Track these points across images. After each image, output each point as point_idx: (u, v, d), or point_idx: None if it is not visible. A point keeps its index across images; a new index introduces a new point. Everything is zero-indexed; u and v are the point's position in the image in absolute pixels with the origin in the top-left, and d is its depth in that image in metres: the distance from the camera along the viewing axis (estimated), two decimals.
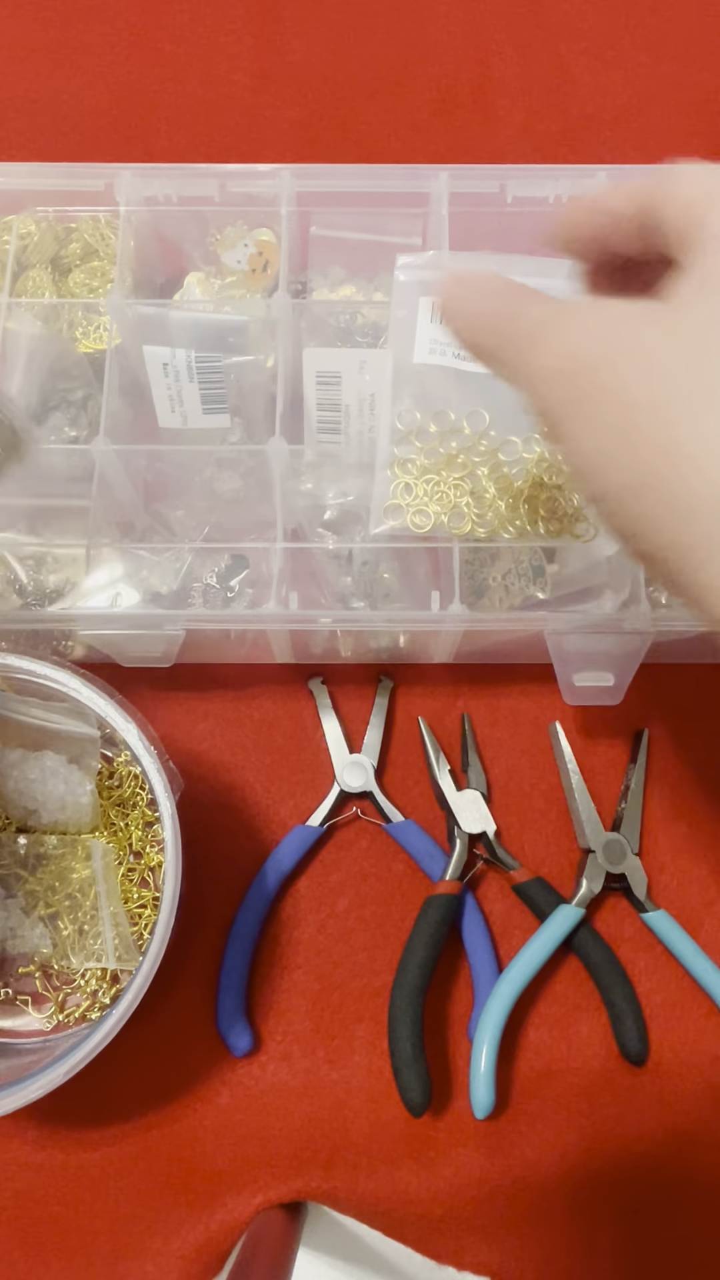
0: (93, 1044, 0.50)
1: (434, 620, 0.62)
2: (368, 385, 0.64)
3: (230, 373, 0.65)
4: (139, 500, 0.67)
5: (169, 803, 0.54)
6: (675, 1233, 0.58)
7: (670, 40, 0.91)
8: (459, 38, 0.90)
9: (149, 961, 0.52)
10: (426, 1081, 0.57)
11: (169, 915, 0.52)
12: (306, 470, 0.65)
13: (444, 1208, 0.58)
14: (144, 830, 0.64)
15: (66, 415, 0.68)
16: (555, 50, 0.90)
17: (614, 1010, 0.61)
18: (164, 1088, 0.60)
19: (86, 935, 0.60)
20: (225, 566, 0.66)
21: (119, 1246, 0.57)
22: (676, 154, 0.86)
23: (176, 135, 0.86)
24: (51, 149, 0.85)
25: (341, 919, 0.64)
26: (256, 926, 0.63)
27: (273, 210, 0.70)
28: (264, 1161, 0.59)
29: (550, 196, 0.70)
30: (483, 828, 0.65)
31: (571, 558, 0.62)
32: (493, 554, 0.65)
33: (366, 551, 0.64)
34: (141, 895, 0.63)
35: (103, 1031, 0.51)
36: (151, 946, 0.52)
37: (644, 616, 0.59)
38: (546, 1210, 0.58)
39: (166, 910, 0.52)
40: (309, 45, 0.90)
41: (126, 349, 0.66)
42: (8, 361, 0.66)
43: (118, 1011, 0.51)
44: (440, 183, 0.68)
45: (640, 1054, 0.60)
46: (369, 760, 0.66)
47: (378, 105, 0.88)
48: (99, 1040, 0.50)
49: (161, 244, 0.73)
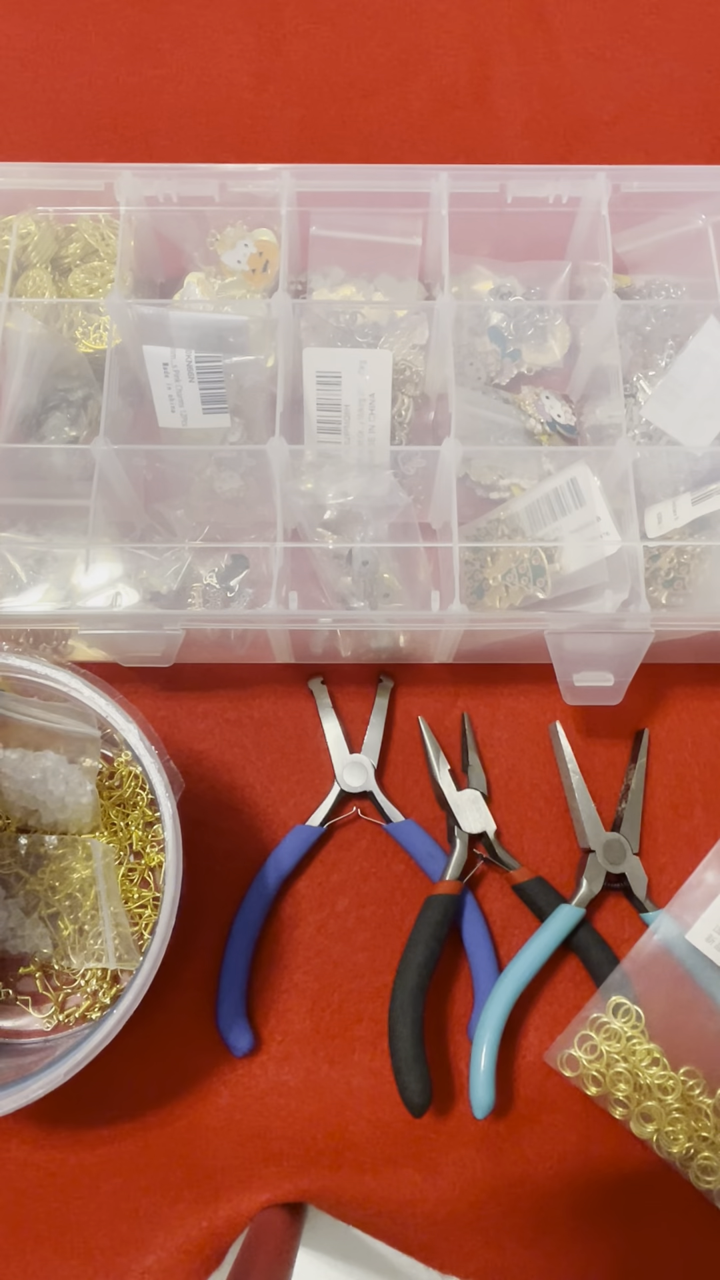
0: (93, 1044, 0.50)
1: (434, 620, 0.62)
2: (368, 385, 0.64)
3: (230, 373, 0.65)
4: (139, 500, 0.67)
5: (170, 802, 0.54)
6: (676, 1234, 0.58)
7: (670, 40, 0.91)
8: (459, 38, 0.90)
9: (149, 961, 0.52)
10: (427, 1082, 0.57)
11: (170, 915, 0.52)
12: (306, 470, 0.65)
13: (445, 1209, 0.58)
14: (144, 830, 0.64)
15: (66, 415, 0.68)
16: (555, 50, 0.90)
17: None
18: (165, 1087, 0.60)
19: (87, 935, 0.60)
20: (225, 566, 0.66)
21: (120, 1242, 0.57)
22: (676, 154, 0.87)
23: (176, 135, 0.86)
24: (51, 149, 0.85)
25: (341, 919, 0.64)
26: (256, 926, 0.63)
27: (273, 210, 0.70)
28: (265, 1161, 0.59)
29: (550, 196, 0.70)
30: (483, 827, 0.65)
31: (571, 558, 0.62)
32: (492, 554, 0.65)
33: (366, 551, 0.64)
34: (142, 895, 0.63)
35: (103, 1031, 0.51)
36: (152, 946, 0.52)
37: (644, 616, 0.59)
38: (547, 1212, 0.58)
39: (167, 910, 0.52)
40: (309, 45, 0.90)
41: (126, 349, 0.66)
42: (8, 361, 0.66)
43: (118, 1011, 0.51)
44: (440, 183, 0.68)
45: None
46: (369, 760, 0.66)
47: (378, 105, 0.88)
48: (99, 1040, 0.50)
49: (161, 244, 0.73)
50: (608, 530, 0.61)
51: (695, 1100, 0.58)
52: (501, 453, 0.68)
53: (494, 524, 0.66)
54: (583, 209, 0.71)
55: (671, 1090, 0.58)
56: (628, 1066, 0.58)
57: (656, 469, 0.65)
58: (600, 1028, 0.60)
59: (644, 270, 0.75)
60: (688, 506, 0.63)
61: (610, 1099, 0.58)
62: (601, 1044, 0.59)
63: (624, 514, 0.62)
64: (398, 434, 0.70)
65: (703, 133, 0.87)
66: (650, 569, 0.64)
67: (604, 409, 0.69)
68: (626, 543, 0.61)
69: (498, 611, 0.63)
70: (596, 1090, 0.58)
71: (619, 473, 0.63)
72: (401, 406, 0.70)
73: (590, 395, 0.72)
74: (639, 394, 0.70)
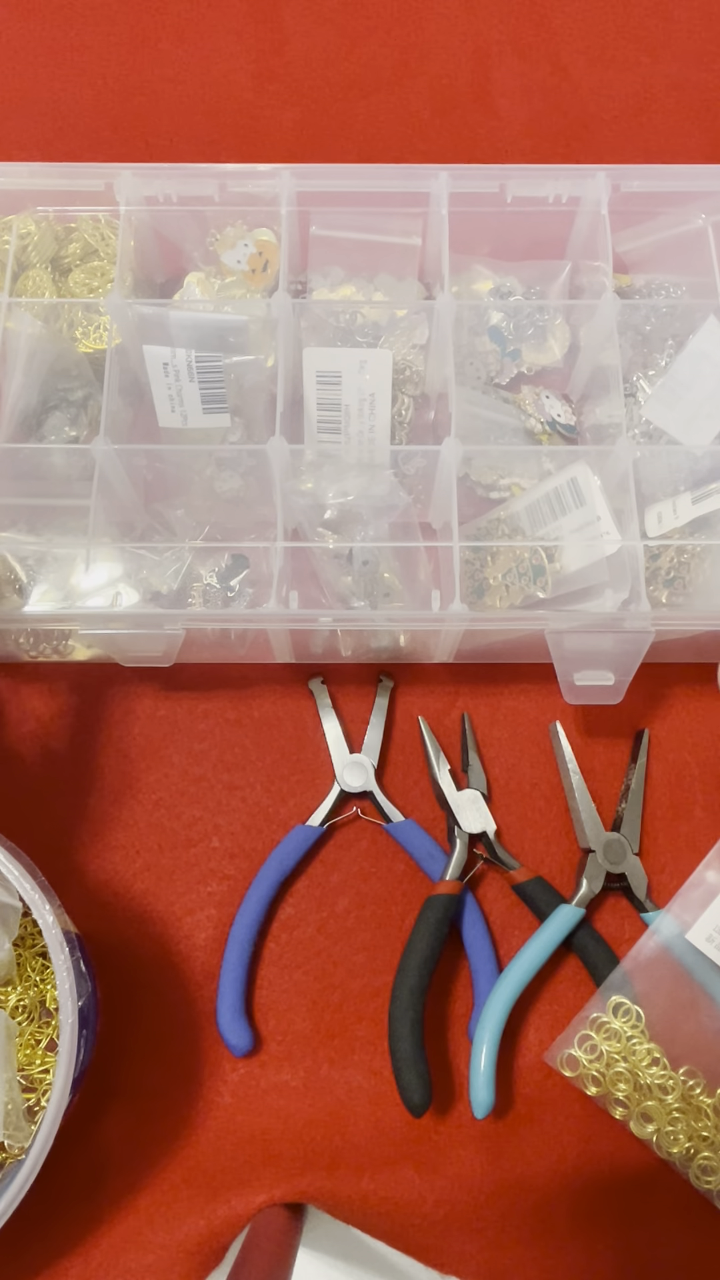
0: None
1: (434, 620, 0.62)
2: (368, 385, 0.64)
3: (230, 373, 0.65)
4: (139, 500, 0.67)
5: (71, 1004, 0.49)
6: (676, 1234, 0.58)
7: (670, 40, 0.91)
8: (459, 38, 0.90)
9: (38, 1145, 0.48)
10: (427, 1082, 0.57)
11: (56, 1112, 0.48)
12: (306, 470, 0.65)
13: (445, 1209, 0.58)
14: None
15: (66, 415, 0.68)
16: (555, 50, 0.90)
17: None
18: (164, 1087, 0.60)
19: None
20: (225, 566, 0.66)
21: (120, 1240, 0.57)
22: (676, 154, 0.87)
23: (176, 135, 0.86)
24: (51, 149, 0.85)
25: (341, 919, 0.64)
26: (256, 926, 0.63)
27: (273, 210, 0.70)
28: (265, 1161, 0.59)
29: (550, 196, 0.70)
30: (483, 827, 0.65)
31: (571, 557, 0.62)
32: (493, 553, 0.65)
33: (366, 551, 0.64)
34: (46, 1060, 0.58)
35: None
36: (40, 1132, 0.48)
37: (644, 616, 0.59)
38: (547, 1212, 0.58)
39: (54, 1110, 0.48)
40: (309, 45, 0.90)
41: (126, 349, 0.66)
42: (8, 361, 0.66)
43: (9, 1193, 0.47)
44: (440, 183, 0.68)
45: None
46: (369, 760, 0.66)
47: (377, 105, 0.88)
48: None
49: (161, 244, 0.73)
50: (608, 530, 0.61)
51: (695, 1100, 0.58)
52: (501, 452, 0.68)
53: (494, 523, 0.66)
54: (583, 209, 0.71)
55: (671, 1090, 0.58)
56: (628, 1066, 0.58)
57: (656, 468, 0.65)
58: (600, 1027, 0.60)
59: (644, 270, 0.75)
60: (688, 506, 0.63)
61: (610, 1099, 0.58)
62: (601, 1044, 0.59)
63: (624, 513, 0.62)
64: (398, 434, 0.70)
65: (703, 133, 0.87)
66: (650, 568, 0.64)
67: (604, 409, 0.69)
68: (627, 542, 0.61)
69: (498, 611, 0.63)
70: (596, 1090, 0.58)
71: (619, 472, 0.63)
72: (401, 406, 0.70)
73: (590, 395, 0.72)
74: (639, 394, 0.70)
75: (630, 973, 0.61)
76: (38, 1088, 0.58)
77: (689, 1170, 0.58)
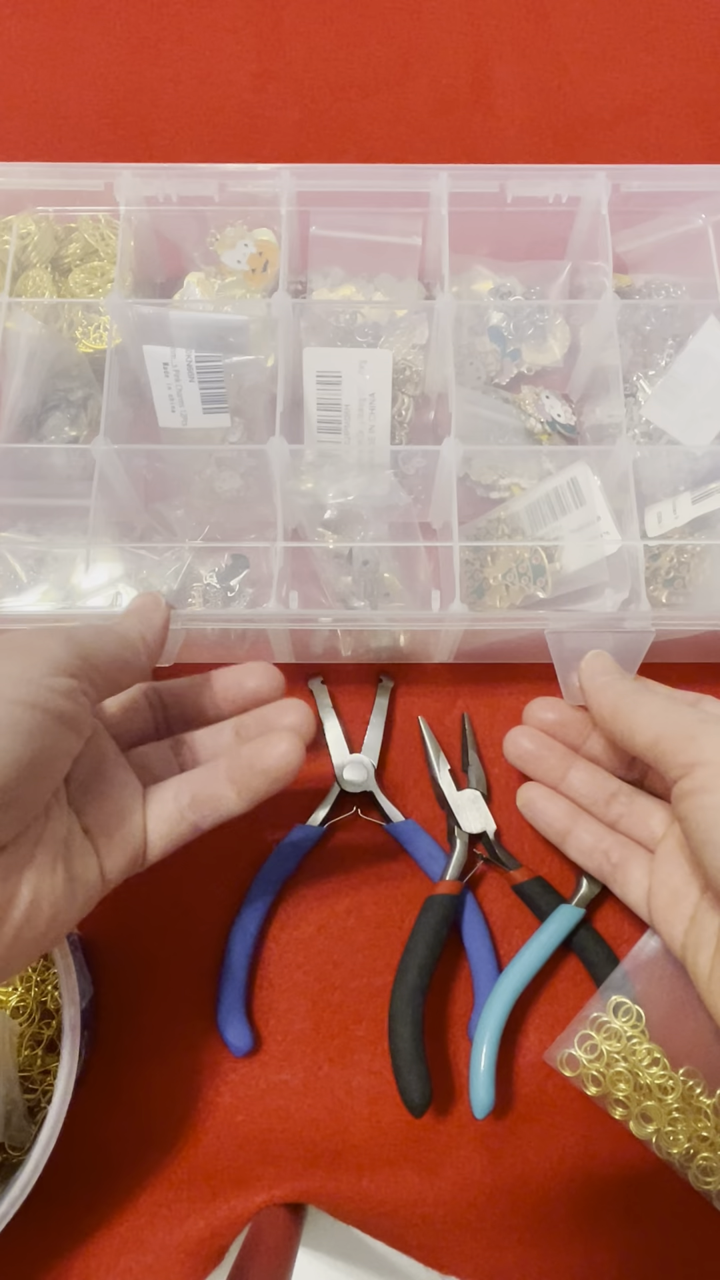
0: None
1: (434, 620, 0.62)
2: (368, 385, 0.64)
3: (230, 372, 0.65)
4: (139, 500, 0.67)
5: (72, 1005, 0.50)
6: (676, 1234, 0.58)
7: (670, 40, 0.91)
8: (459, 38, 0.90)
9: (40, 1146, 0.48)
10: (427, 1082, 0.57)
11: (58, 1115, 0.48)
12: (306, 470, 0.65)
13: (445, 1209, 0.58)
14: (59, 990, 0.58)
15: (66, 415, 0.68)
16: (555, 50, 0.90)
17: None
18: (164, 1087, 0.60)
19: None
20: (225, 566, 0.66)
21: (120, 1240, 0.57)
22: (676, 154, 0.87)
23: (176, 135, 0.86)
24: (51, 149, 0.85)
25: (341, 919, 0.64)
26: (256, 926, 0.63)
27: (273, 210, 0.70)
28: (265, 1161, 0.59)
29: (550, 196, 0.70)
30: (483, 827, 0.65)
31: (572, 557, 0.62)
32: (493, 553, 0.65)
33: (366, 551, 0.64)
34: (47, 1061, 0.58)
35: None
36: (42, 1134, 0.48)
37: (644, 615, 0.59)
38: (547, 1212, 0.58)
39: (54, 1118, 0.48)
40: (309, 45, 0.90)
41: (126, 349, 0.66)
42: (8, 361, 0.66)
43: (9, 1197, 0.47)
44: (440, 182, 0.68)
45: None
46: (369, 760, 0.66)
47: (377, 105, 0.88)
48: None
49: (161, 244, 0.73)
50: (608, 529, 0.61)
51: (695, 1100, 0.58)
52: (501, 452, 0.68)
53: (494, 523, 0.66)
54: (583, 209, 0.71)
55: (671, 1090, 0.58)
56: (628, 1066, 0.58)
57: (656, 468, 0.65)
58: (600, 1027, 0.60)
59: (644, 270, 0.75)
60: (688, 505, 0.63)
61: (610, 1099, 0.58)
62: (601, 1043, 0.59)
63: (624, 513, 0.62)
64: (398, 434, 0.70)
65: (703, 133, 0.87)
66: (650, 568, 0.64)
67: (604, 408, 0.69)
68: (627, 542, 0.61)
69: (498, 611, 0.63)
70: (596, 1090, 0.58)
71: (619, 472, 0.63)
72: (401, 406, 0.70)
73: (590, 395, 0.72)
74: (639, 393, 0.70)
75: (630, 973, 0.61)
76: (38, 1088, 0.58)
77: (689, 1171, 0.58)
